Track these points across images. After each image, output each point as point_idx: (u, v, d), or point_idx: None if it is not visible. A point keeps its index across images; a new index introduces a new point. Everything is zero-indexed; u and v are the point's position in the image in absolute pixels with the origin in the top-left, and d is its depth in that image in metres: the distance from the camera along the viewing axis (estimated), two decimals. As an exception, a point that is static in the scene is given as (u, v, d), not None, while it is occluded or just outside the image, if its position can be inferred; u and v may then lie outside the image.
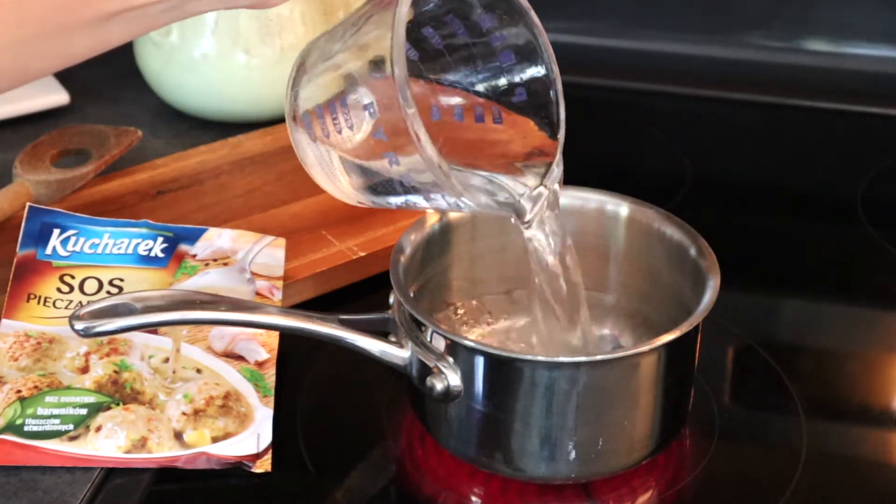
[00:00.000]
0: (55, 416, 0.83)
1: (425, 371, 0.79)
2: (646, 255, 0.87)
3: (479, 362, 0.78)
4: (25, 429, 0.82)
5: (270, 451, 0.82)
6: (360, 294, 0.96)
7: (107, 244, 0.93)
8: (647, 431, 0.81)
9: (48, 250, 0.93)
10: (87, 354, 0.86)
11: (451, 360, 0.78)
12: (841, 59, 1.24)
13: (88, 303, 0.80)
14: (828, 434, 0.87)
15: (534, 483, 0.81)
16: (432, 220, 0.87)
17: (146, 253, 0.93)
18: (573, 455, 0.79)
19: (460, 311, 0.90)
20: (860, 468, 0.85)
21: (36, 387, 0.84)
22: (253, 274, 0.93)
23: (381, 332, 0.82)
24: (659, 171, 1.16)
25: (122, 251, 0.93)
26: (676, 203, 1.07)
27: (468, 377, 0.78)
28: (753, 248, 1.04)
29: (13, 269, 0.91)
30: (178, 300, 0.81)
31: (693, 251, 0.84)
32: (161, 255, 0.93)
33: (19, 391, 0.83)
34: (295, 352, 0.90)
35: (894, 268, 1.03)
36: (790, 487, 0.81)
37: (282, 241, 0.96)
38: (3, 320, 0.89)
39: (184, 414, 0.83)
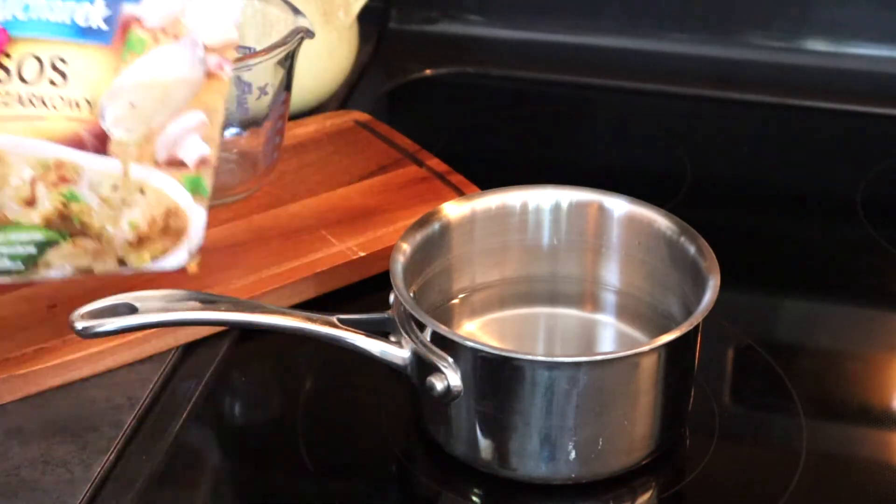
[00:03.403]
0: (4, 255, 0.81)
1: (425, 371, 0.79)
2: (646, 254, 0.87)
3: (479, 362, 0.78)
4: None
5: (200, 253, 0.84)
6: (360, 294, 0.96)
7: (39, 5, 0.81)
8: (647, 431, 0.81)
9: None
10: (34, 182, 0.80)
11: (451, 360, 0.78)
12: (841, 59, 1.24)
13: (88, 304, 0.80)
14: (828, 434, 0.87)
15: (534, 483, 0.81)
16: (432, 220, 0.87)
17: (85, 23, 0.81)
18: (573, 455, 0.79)
19: (460, 310, 0.90)
20: (860, 468, 0.85)
21: None
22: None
23: (381, 332, 0.82)
24: (659, 171, 1.16)
25: (59, 19, 0.81)
26: (676, 203, 1.07)
27: (468, 377, 0.78)
28: (753, 248, 1.04)
29: None
30: (178, 300, 0.81)
31: (693, 251, 0.84)
32: (104, 25, 0.81)
33: None
34: (295, 352, 0.90)
35: (894, 268, 1.03)
36: (790, 487, 0.81)
37: None
38: None
39: (129, 243, 0.82)
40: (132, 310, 0.79)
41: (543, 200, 0.89)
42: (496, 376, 0.78)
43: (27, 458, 0.82)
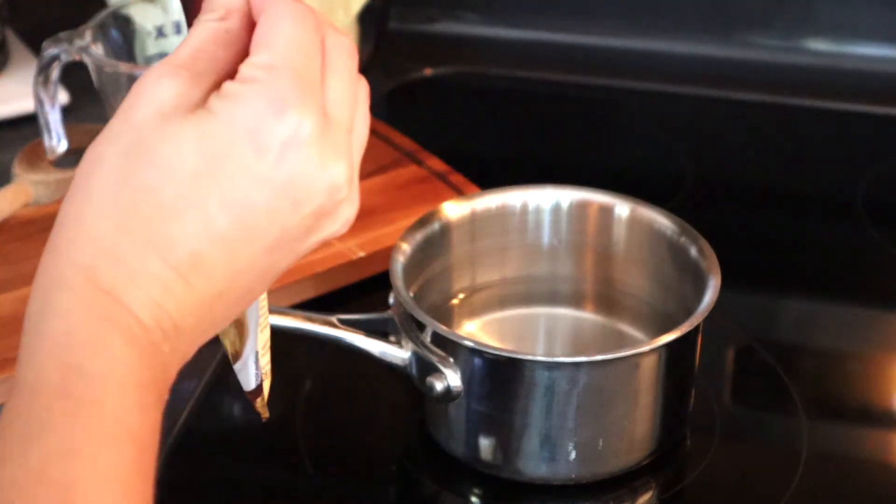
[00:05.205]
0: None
1: (425, 371, 0.79)
2: (646, 255, 0.87)
3: (479, 362, 0.78)
4: None
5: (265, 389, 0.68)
6: (360, 294, 0.96)
7: None
8: (648, 431, 0.81)
9: None
10: None
11: (451, 360, 0.78)
12: (841, 59, 1.24)
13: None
14: (828, 434, 0.87)
15: (534, 483, 0.81)
16: (432, 220, 0.87)
17: None
18: (573, 455, 0.79)
19: (460, 310, 0.90)
20: (860, 468, 0.85)
21: None
22: None
23: (380, 332, 0.82)
24: (659, 171, 1.16)
25: None
26: (676, 203, 1.07)
27: (468, 377, 0.78)
28: (753, 248, 1.04)
29: None
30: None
31: (693, 251, 0.84)
32: None
33: None
34: (295, 352, 0.90)
35: (894, 268, 1.03)
36: (790, 487, 0.81)
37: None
38: None
39: None
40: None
41: (543, 200, 0.89)
42: (496, 376, 0.78)
43: (27, 458, 0.82)
